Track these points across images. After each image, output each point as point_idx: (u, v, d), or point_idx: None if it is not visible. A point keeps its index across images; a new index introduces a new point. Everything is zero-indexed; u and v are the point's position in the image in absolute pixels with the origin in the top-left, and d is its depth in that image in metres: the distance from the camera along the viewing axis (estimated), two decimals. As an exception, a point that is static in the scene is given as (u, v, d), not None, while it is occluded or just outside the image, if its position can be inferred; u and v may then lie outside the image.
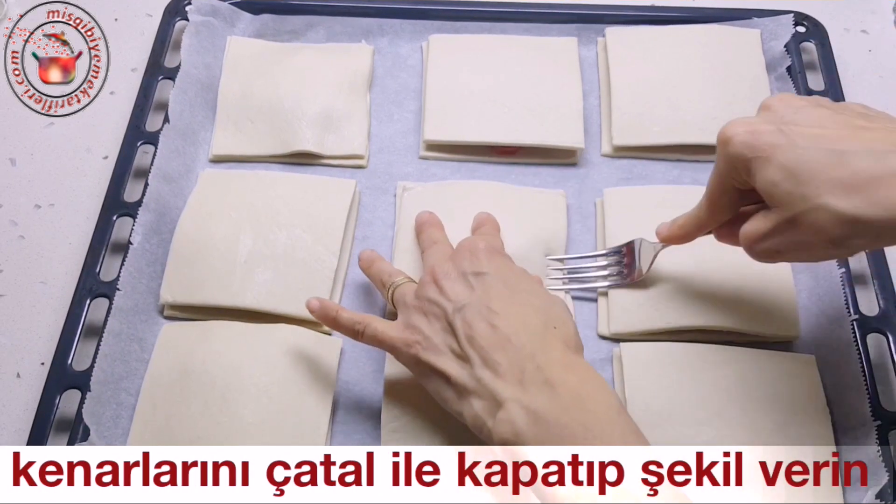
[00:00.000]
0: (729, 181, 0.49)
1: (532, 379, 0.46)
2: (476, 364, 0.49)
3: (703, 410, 0.57)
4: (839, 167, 0.42)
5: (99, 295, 0.62)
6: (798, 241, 0.46)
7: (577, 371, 0.48)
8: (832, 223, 0.43)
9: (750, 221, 0.48)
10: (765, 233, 0.47)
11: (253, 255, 0.64)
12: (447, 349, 0.51)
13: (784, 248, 0.47)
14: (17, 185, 0.73)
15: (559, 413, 0.45)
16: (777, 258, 0.49)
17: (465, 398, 0.49)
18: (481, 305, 0.50)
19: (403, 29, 0.79)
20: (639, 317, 0.62)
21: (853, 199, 0.42)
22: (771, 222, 0.47)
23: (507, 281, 0.52)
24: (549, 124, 0.71)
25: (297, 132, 0.71)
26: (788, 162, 0.44)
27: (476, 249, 0.55)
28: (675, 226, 0.57)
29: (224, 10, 0.78)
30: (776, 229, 0.46)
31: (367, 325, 0.55)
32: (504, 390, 0.47)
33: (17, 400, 0.62)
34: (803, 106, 0.47)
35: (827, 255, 0.47)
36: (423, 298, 0.53)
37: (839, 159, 0.43)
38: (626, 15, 0.78)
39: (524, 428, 0.45)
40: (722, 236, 0.55)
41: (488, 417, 0.47)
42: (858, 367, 0.57)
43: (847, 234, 0.43)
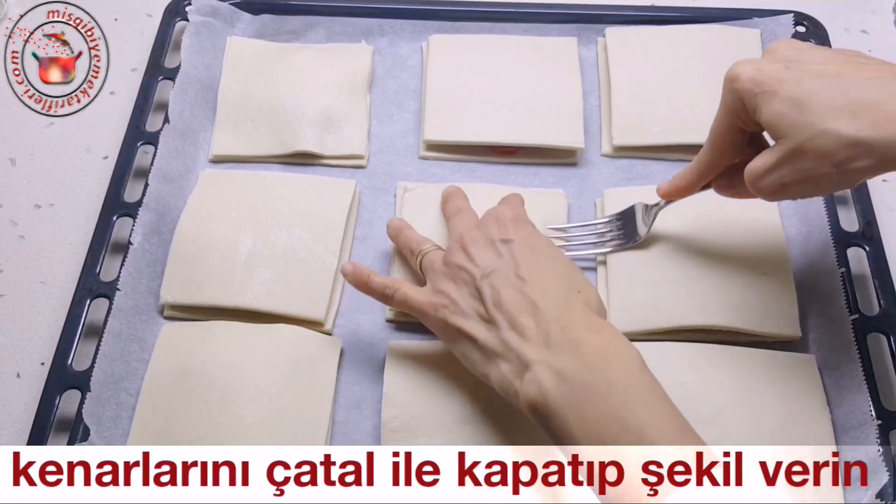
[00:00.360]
0: (734, 120, 0.51)
1: (557, 341, 0.48)
2: (503, 328, 0.50)
3: (704, 410, 0.56)
4: (842, 95, 0.44)
5: (99, 295, 0.62)
6: (804, 169, 0.47)
7: (600, 331, 0.49)
8: (837, 146, 0.44)
9: (756, 158, 0.49)
10: (771, 165, 0.48)
11: (253, 256, 0.64)
12: (474, 313, 0.52)
13: (790, 179, 0.48)
14: (17, 185, 0.73)
15: (584, 372, 0.46)
16: (783, 193, 0.49)
17: (492, 361, 0.50)
18: (508, 272, 0.52)
19: (403, 29, 0.79)
20: (639, 316, 0.62)
21: (856, 122, 0.44)
22: (777, 154, 0.48)
23: (533, 248, 0.54)
24: (549, 124, 0.71)
25: (296, 132, 0.71)
26: (794, 94, 0.46)
27: (503, 218, 0.56)
28: (675, 179, 0.59)
29: (224, 10, 0.78)
30: (782, 160, 0.47)
31: (397, 289, 0.57)
32: (531, 352, 0.48)
33: (17, 400, 0.62)
34: (806, 48, 0.50)
35: (831, 184, 0.48)
36: (451, 265, 0.55)
37: (842, 88, 0.45)
38: (626, 15, 0.78)
39: (551, 388, 0.46)
40: (721, 187, 0.57)
41: (515, 379, 0.49)
42: (858, 367, 0.57)
43: (851, 156, 0.44)
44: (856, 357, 0.58)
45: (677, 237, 0.65)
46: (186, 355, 0.60)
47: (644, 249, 0.64)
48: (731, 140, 0.53)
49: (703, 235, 0.64)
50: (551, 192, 0.69)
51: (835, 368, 0.59)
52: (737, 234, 0.65)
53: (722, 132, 0.53)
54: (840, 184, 0.48)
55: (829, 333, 0.61)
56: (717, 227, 0.65)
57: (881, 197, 0.69)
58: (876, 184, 0.69)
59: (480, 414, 0.57)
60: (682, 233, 0.65)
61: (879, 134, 0.43)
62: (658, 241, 0.65)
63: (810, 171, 0.47)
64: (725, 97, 0.51)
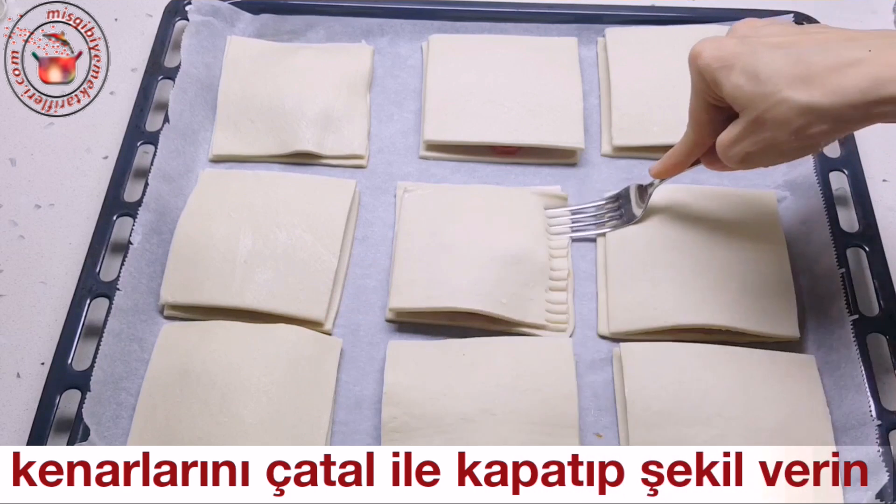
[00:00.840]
0: (703, 97, 0.53)
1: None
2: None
3: (704, 410, 0.57)
4: (795, 65, 0.46)
5: (99, 295, 0.62)
6: (766, 138, 0.49)
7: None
8: (793, 114, 0.46)
9: (724, 131, 0.52)
10: (735, 137, 0.50)
11: (253, 256, 0.64)
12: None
13: (754, 149, 0.50)
14: (17, 185, 0.73)
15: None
16: (750, 161, 0.51)
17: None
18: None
19: (403, 29, 0.79)
20: (639, 316, 0.62)
21: (809, 90, 0.46)
22: (740, 126, 0.50)
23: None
24: (549, 124, 0.71)
25: (296, 132, 0.71)
26: (749, 66, 0.48)
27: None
28: (665, 158, 0.61)
29: (224, 9, 0.78)
30: (745, 131, 0.50)
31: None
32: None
33: (17, 400, 0.62)
34: (763, 23, 0.53)
35: (794, 150, 0.50)
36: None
37: (795, 58, 0.46)
38: (626, 15, 0.78)
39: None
40: (710, 162, 0.58)
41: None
42: (858, 368, 0.57)
43: (807, 122, 0.46)
44: (856, 357, 0.58)
45: (677, 237, 0.65)
46: (186, 355, 0.60)
47: (644, 249, 0.64)
48: (708, 118, 0.54)
49: (703, 235, 0.64)
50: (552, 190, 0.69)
51: (835, 368, 0.59)
52: (737, 234, 0.65)
53: (697, 110, 0.55)
54: (802, 150, 0.50)
55: (829, 334, 0.61)
56: (717, 228, 0.65)
57: (881, 197, 0.69)
58: (876, 184, 0.69)
59: (480, 414, 0.57)
60: (683, 233, 0.65)
61: (831, 99, 0.45)
62: (658, 240, 0.65)
63: (771, 139, 0.48)
64: (692, 76, 0.53)
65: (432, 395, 0.58)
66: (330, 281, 0.64)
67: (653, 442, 0.56)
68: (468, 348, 0.60)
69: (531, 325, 0.63)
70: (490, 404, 0.57)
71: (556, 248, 0.66)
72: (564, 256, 0.66)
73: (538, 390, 0.58)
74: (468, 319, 0.62)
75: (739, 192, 0.68)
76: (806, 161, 0.67)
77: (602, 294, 0.64)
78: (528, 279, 0.63)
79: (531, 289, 0.63)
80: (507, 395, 0.57)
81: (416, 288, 0.63)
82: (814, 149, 0.50)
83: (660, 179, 0.63)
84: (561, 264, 0.65)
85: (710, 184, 0.69)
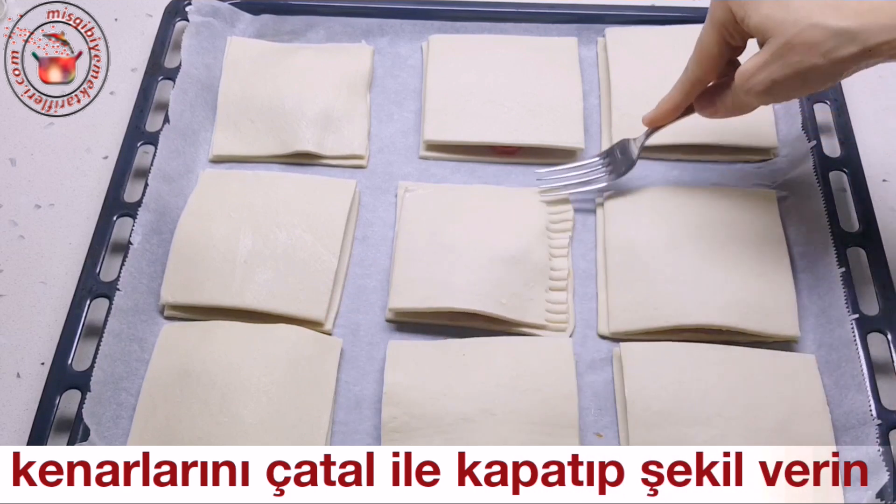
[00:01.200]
0: (722, 33, 0.55)
1: None
2: None
3: (703, 410, 0.57)
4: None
5: (99, 295, 0.62)
6: (793, 62, 0.50)
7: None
8: (824, 37, 0.48)
9: (746, 61, 0.53)
10: (761, 63, 0.52)
11: (253, 256, 0.64)
12: None
13: (780, 74, 0.51)
14: (17, 185, 0.73)
15: None
16: (772, 91, 0.53)
17: None
18: None
19: (403, 29, 0.79)
20: (639, 316, 0.62)
21: (840, 13, 0.48)
22: (767, 52, 0.51)
23: None
24: (549, 124, 0.71)
25: (296, 132, 0.71)
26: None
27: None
28: (660, 104, 0.62)
29: (224, 10, 0.78)
30: (773, 56, 0.51)
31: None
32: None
33: (17, 400, 0.62)
34: None
35: (819, 77, 0.51)
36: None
37: None
38: (626, 15, 0.78)
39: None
40: (702, 107, 0.60)
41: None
42: (858, 367, 0.57)
43: (838, 45, 0.49)
44: (856, 357, 0.58)
45: (677, 237, 0.65)
46: (186, 355, 0.60)
47: (644, 249, 0.64)
48: (718, 53, 0.56)
49: (703, 235, 0.64)
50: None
51: (835, 368, 0.59)
52: (737, 233, 0.65)
53: (708, 45, 0.56)
54: (827, 76, 0.51)
55: (829, 333, 0.61)
56: (717, 227, 0.65)
57: (881, 197, 0.69)
58: (876, 184, 0.69)
59: (480, 414, 0.57)
60: (683, 233, 0.65)
61: (862, 23, 0.48)
62: (658, 240, 0.65)
63: (798, 63, 0.50)
64: (714, 11, 0.54)
65: (432, 395, 0.58)
66: (330, 281, 0.64)
67: (653, 442, 0.56)
68: (468, 348, 0.60)
69: (531, 325, 0.63)
70: (490, 404, 0.57)
71: (556, 248, 0.66)
72: (564, 256, 0.66)
73: (538, 390, 0.58)
74: (468, 319, 0.62)
75: (739, 192, 0.68)
76: (806, 161, 0.67)
77: (602, 294, 0.64)
78: (528, 279, 0.63)
79: (531, 289, 0.63)
80: (507, 395, 0.57)
81: (416, 288, 0.63)
82: (838, 76, 0.51)
83: (653, 128, 0.64)
84: (561, 264, 0.65)
85: (710, 184, 0.69)
